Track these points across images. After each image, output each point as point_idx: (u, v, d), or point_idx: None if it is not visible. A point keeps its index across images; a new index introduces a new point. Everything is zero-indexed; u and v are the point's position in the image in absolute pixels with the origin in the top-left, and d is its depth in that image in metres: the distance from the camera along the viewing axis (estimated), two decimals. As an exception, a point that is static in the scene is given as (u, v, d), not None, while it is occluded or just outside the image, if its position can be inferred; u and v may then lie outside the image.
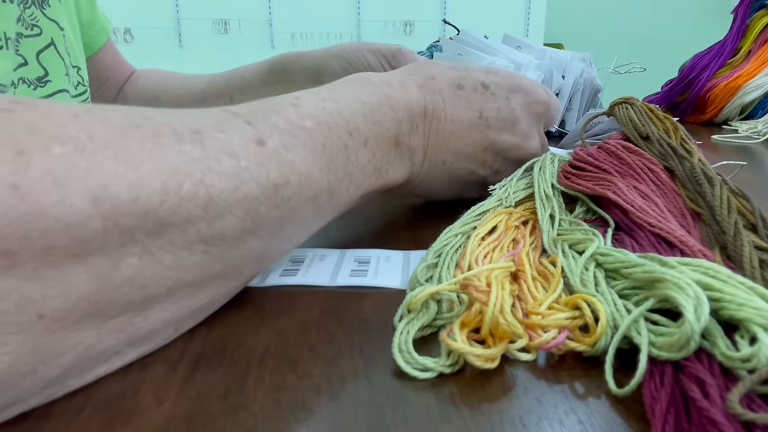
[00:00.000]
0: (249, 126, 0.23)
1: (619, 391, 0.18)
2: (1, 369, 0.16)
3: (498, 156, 0.35)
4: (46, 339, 0.17)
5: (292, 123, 0.25)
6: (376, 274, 0.28)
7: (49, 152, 0.16)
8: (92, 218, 0.17)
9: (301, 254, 0.30)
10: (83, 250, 0.17)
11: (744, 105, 0.83)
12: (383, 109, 0.29)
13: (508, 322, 0.20)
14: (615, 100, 0.39)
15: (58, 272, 0.16)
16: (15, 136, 0.16)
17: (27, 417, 0.18)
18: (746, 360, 0.16)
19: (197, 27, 3.11)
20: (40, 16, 0.47)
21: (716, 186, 0.27)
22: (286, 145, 0.24)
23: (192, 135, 0.21)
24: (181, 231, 0.19)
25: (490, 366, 0.19)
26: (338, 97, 0.28)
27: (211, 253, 0.21)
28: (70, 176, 0.16)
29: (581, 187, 0.31)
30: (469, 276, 0.21)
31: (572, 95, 0.78)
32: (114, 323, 0.19)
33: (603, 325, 0.20)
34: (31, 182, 0.16)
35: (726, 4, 1.57)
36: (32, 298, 0.16)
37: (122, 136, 0.19)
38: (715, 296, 0.19)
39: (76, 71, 0.53)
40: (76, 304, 0.17)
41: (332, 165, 0.26)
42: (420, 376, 0.19)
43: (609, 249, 0.24)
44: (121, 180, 0.17)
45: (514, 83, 0.36)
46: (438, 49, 0.80)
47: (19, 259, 0.16)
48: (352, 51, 0.59)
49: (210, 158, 0.20)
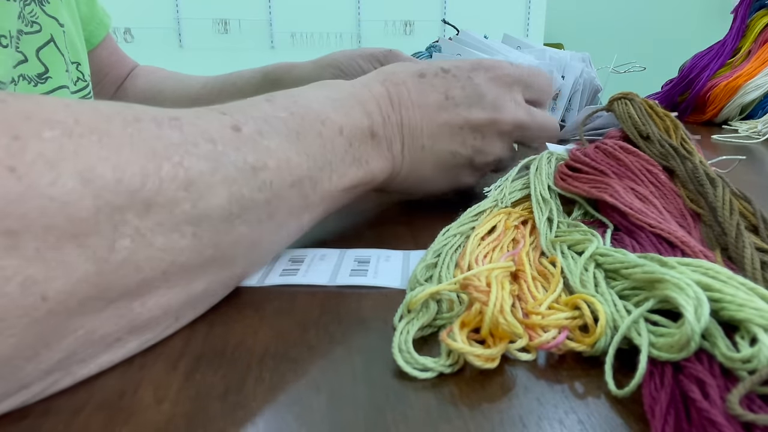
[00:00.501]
0: (225, 115, 0.24)
1: (619, 392, 0.18)
2: (6, 352, 0.16)
3: (476, 133, 0.36)
4: (50, 322, 0.17)
5: (267, 113, 0.26)
6: (376, 273, 0.28)
7: (40, 136, 0.17)
8: (84, 197, 0.18)
9: (301, 254, 0.30)
10: (80, 231, 0.18)
11: (744, 105, 0.83)
12: (351, 103, 0.31)
13: (508, 322, 0.20)
14: (614, 95, 0.39)
15: (58, 253, 0.17)
16: (10, 122, 0.17)
17: (27, 416, 0.18)
18: (747, 361, 0.16)
19: (197, 27, 3.11)
20: (40, 12, 0.47)
21: (718, 187, 0.27)
22: (261, 132, 0.25)
23: (171, 121, 0.22)
24: (167, 211, 0.20)
25: (490, 366, 0.19)
26: (308, 95, 0.30)
27: (200, 237, 0.21)
28: (61, 158, 0.18)
29: (578, 190, 0.31)
30: (469, 276, 0.21)
31: (572, 95, 0.78)
32: (113, 308, 0.19)
33: (603, 325, 0.20)
34: (27, 164, 0.17)
35: (726, 4, 1.57)
36: (36, 279, 0.17)
37: (106, 121, 0.20)
38: (716, 297, 0.18)
39: (76, 67, 0.53)
40: (77, 286, 0.18)
41: (309, 152, 0.27)
42: (420, 376, 0.19)
43: (608, 249, 0.24)
44: (105, 162, 0.19)
45: (474, 63, 0.36)
46: (437, 50, 0.80)
47: (21, 239, 0.16)
48: (345, 59, 0.59)
49: (188, 142, 0.22)
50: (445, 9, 3.28)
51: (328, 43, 3.26)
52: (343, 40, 3.27)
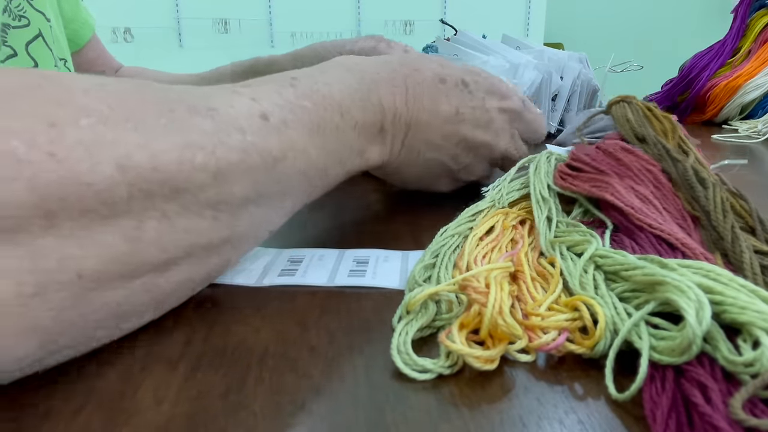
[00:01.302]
0: (254, 102, 0.25)
1: (620, 395, 0.18)
2: (45, 324, 0.18)
3: (470, 152, 0.37)
4: (85, 297, 0.19)
5: (291, 102, 0.27)
6: (375, 274, 0.28)
7: (77, 124, 0.18)
8: (119, 183, 0.19)
9: (300, 254, 0.30)
10: (113, 213, 0.19)
11: (744, 104, 0.83)
12: (371, 98, 0.31)
13: (507, 323, 0.20)
14: (613, 98, 0.39)
15: (90, 233, 0.18)
16: (46, 108, 0.18)
17: (26, 415, 0.18)
18: (749, 364, 0.16)
19: (197, 26, 3.11)
20: (27, 6, 0.47)
21: (709, 189, 0.27)
22: (286, 122, 0.26)
23: (208, 111, 0.23)
24: (192, 196, 0.21)
25: (490, 367, 0.19)
26: (330, 80, 0.30)
27: (219, 219, 0.23)
28: (99, 146, 0.18)
29: (578, 189, 0.31)
30: (468, 277, 0.21)
31: (570, 96, 0.78)
32: (141, 283, 0.21)
33: (602, 327, 0.20)
34: (66, 150, 0.18)
35: (726, 3, 1.56)
36: (72, 256, 0.18)
37: (140, 108, 0.21)
38: (717, 299, 0.18)
39: (63, 63, 0.53)
40: (109, 264, 0.19)
41: (326, 146, 0.28)
42: (419, 378, 0.19)
43: (608, 251, 0.24)
44: (142, 150, 0.19)
45: (492, 86, 0.37)
46: (433, 50, 0.79)
47: (58, 220, 0.17)
48: (325, 51, 0.58)
49: (221, 131, 0.23)
50: (445, 9, 3.28)
51: (328, 43, 3.25)
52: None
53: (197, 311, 0.25)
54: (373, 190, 0.44)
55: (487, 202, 0.33)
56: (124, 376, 0.20)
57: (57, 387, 0.19)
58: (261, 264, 0.29)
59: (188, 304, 0.25)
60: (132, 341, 0.22)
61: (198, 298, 0.25)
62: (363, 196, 0.34)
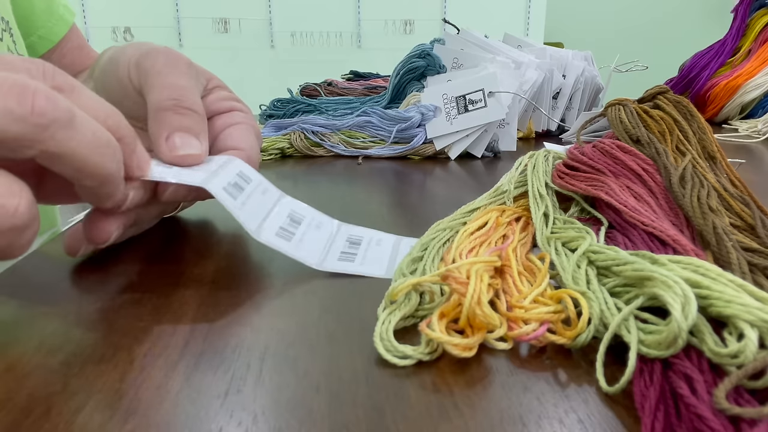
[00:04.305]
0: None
1: (610, 389, 0.18)
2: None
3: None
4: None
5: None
6: (364, 260, 0.29)
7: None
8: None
9: (301, 215, 0.31)
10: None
11: (744, 104, 0.83)
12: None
13: (485, 312, 0.20)
14: (609, 101, 0.40)
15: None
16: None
17: (27, 416, 0.18)
18: (734, 356, 0.17)
19: (197, 26, 3.11)
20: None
21: (687, 190, 0.27)
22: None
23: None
24: None
25: (467, 354, 0.20)
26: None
27: None
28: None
29: (574, 188, 0.32)
30: (450, 268, 0.22)
31: (573, 94, 0.78)
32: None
33: (585, 319, 0.20)
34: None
35: (726, 3, 1.56)
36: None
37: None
38: (704, 294, 0.19)
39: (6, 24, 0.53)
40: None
41: None
42: (399, 363, 0.20)
43: (601, 246, 0.24)
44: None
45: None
46: (441, 42, 0.79)
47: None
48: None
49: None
50: (446, 8, 3.28)
51: (328, 43, 3.26)
52: (343, 40, 3.27)
53: (197, 311, 0.25)
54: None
55: (486, 199, 0.33)
56: (124, 375, 0.20)
57: (57, 387, 0.19)
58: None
59: (188, 304, 0.25)
60: (132, 341, 0.22)
61: (198, 297, 0.26)
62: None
